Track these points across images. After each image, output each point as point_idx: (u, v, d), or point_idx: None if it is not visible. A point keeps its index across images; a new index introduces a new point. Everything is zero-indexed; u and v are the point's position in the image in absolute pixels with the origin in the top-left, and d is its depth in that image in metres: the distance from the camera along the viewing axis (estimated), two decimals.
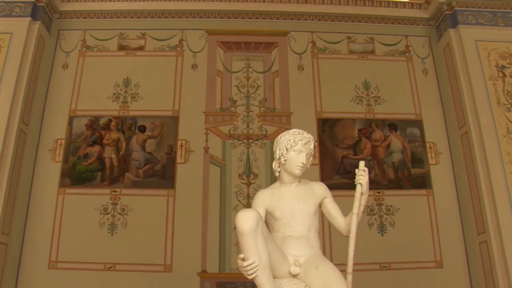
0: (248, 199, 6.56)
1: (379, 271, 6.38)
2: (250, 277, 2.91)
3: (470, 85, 6.78)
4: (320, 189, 3.53)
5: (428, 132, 7.10)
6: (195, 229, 6.45)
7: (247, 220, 2.89)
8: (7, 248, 6.16)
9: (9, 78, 6.56)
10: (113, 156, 6.81)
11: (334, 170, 6.81)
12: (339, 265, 3.26)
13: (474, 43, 7.02)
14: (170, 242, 6.38)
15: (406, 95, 7.31)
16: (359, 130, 7.07)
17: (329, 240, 6.25)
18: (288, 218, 3.35)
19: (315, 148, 3.61)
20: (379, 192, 6.77)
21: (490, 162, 6.32)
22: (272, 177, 5.64)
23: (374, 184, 6.62)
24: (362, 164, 3.31)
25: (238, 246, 3.02)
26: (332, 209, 3.48)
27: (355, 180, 3.28)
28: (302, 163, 3.40)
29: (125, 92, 7.13)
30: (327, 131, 7.00)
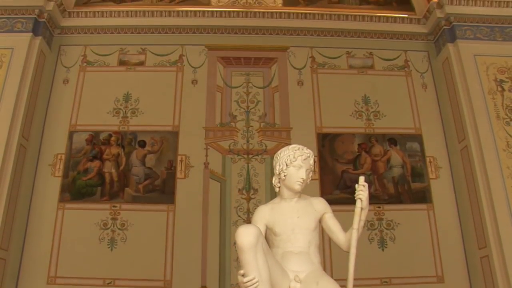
0: (248, 214, 6.55)
1: (380, 286, 6.34)
2: None
3: (469, 99, 6.80)
4: (320, 204, 3.53)
5: (428, 146, 7.10)
6: (195, 244, 6.42)
7: (247, 236, 2.88)
8: (6, 263, 6.13)
9: (10, 93, 6.59)
10: (113, 171, 6.80)
11: (334, 185, 6.81)
12: (340, 280, 3.25)
13: (473, 57, 7.06)
14: (170, 258, 6.35)
15: (406, 110, 7.32)
16: (359, 144, 7.07)
17: (329, 256, 6.22)
18: (288, 233, 3.34)
19: (315, 163, 3.62)
20: (379, 207, 6.75)
21: (490, 176, 6.32)
22: (272, 192, 5.63)
23: (374, 198, 6.61)
24: (362, 179, 3.30)
25: (238, 261, 3.00)
26: (332, 224, 3.47)
27: (355, 195, 3.28)
28: (302, 178, 3.41)
29: (125, 107, 7.15)
30: (327, 146, 7.01)
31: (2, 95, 6.56)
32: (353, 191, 3.33)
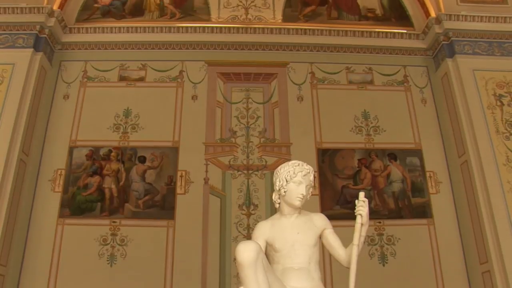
0: (248, 230, 6.53)
1: None
2: None
3: (468, 114, 6.83)
4: (320, 220, 3.52)
5: (428, 161, 7.11)
6: (195, 260, 6.40)
7: (247, 252, 2.87)
8: (4, 279, 6.10)
9: (10, 108, 6.62)
10: (113, 186, 6.80)
11: (334, 200, 6.80)
12: None
13: (472, 72, 7.11)
14: (170, 273, 6.33)
15: (405, 125, 7.35)
16: (358, 160, 7.08)
17: (329, 271, 6.19)
18: (288, 249, 3.33)
19: (315, 178, 3.61)
20: (379, 222, 6.74)
21: (490, 191, 6.33)
22: (272, 207, 5.60)
23: (374, 214, 6.60)
24: (362, 195, 3.30)
25: (238, 277, 2.99)
26: (333, 240, 3.45)
27: (355, 211, 3.26)
28: (302, 194, 3.40)
29: (125, 123, 7.17)
30: (326, 161, 7.02)
31: (2, 110, 6.60)
32: (353, 206, 3.32)
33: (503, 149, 6.60)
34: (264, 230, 3.44)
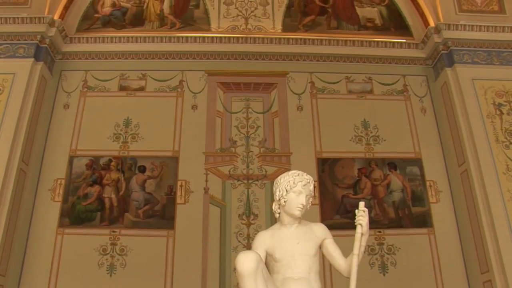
0: (248, 239, 6.52)
1: None
2: None
3: (468, 123, 6.84)
4: (320, 230, 3.52)
5: (428, 170, 7.11)
6: (195, 270, 6.38)
7: (247, 262, 2.87)
8: None
9: (10, 117, 6.63)
10: (112, 196, 6.80)
11: (334, 210, 6.79)
12: None
13: (471, 81, 7.12)
14: (170, 283, 6.31)
15: (405, 134, 7.35)
16: (358, 169, 7.08)
17: (330, 281, 6.17)
18: (289, 259, 3.33)
19: (314, 188, 3.62)
20: (380, 232, 6.72)
21: (490, 200, 6.32)
22: (272, 217, 5.62)
23: (374, 223, 6.59)
24: (362, 204, 3.30)
25: (238, 287, 2.99)
26: (333, 250, 3.45)
27: (355, 221, 3.27)
28: (302, 204, 3.40)
29: (125, 132, 7.18)
30: (326, 170, 7.01)
31: (3, 120, 6.60)
32: (353, 216, 3.33)
33: (503, 157, 6.60)
34: (264, 240, 3.44)
